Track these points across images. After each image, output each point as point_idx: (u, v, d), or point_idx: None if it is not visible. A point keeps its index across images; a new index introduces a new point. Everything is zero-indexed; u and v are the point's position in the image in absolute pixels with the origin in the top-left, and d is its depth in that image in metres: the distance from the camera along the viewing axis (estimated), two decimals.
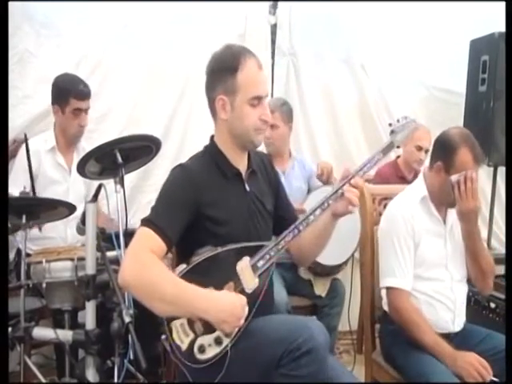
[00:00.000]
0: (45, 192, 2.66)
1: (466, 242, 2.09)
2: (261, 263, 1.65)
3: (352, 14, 3.62)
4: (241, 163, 1.79)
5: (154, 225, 1.57)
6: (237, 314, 1.53)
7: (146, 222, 1.60)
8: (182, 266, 1.63)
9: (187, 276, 1.58)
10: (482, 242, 2.11)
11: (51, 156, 2.76)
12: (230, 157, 1.76)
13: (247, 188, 1.78)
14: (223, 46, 1.75)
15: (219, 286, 1.59)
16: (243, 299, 1.56)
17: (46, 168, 2.73)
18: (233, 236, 1.68)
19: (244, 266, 1.64)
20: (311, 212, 1.70)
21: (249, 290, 1.62)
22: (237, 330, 1.58)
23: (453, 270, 2.11)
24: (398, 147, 1.85)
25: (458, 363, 1.89)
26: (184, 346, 1.59)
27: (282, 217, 1.91)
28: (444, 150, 2.06)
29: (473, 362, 1.88)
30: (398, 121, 1.86)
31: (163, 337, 1.60)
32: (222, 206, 1.70)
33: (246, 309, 1.55)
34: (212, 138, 1.81)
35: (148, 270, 1.51)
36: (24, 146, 2.71)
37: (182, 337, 1.59)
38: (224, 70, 1.68)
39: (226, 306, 1.52)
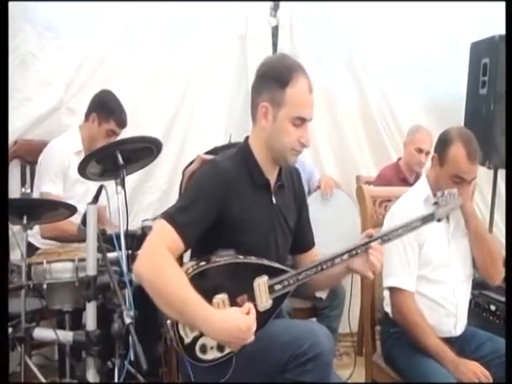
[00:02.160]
0: (66, 192, 2.70)
1: (468, 226, 2.08)
2: (278, 287, 1.63)
3: (353, 16, 3.62)
4: (271, 174, 1.75)
5: (175, 221, 1.54)
6: (241, 336, 1.48)
7: (167, 215, 1.56)
8: (192, 262, 1.62)
9: (203, 274, 1.57)
10: (482, 223, 2.10)
11: (77, 158, 2.77)
12: (262, 165, 1.72)
13: (274, 200, 1.75)
14: (279, 54, 1.73)
15: (233, 295, 1.58)
16: (250, 320, 1.51)
17: (71, 169, 2.75)
18: (252, 246, 1.65)
19: (262, 283, 1.62)
20: (339, 255, 1.68)
21: (261, 309, 1.61)
22: None
23: (457, 270, 2.10)
24: (438, 220, 1.86)
25: (460, 369, 1.89)
26: (187, 340, 1.57)
27: (298, 238, 1.88)
28: (440, 143, 2.09)
29: (475, 370, 1.88)
30: (442, 194, 1.88)
31: (169, 322, 1.57)
32: (247, 214, 1.66)
33: (254, 328, 1.51)
34: (247, 139, 1.77)
35: (162, 272, 1.49)
36: (49, 147, 2.76)
37: (187, 331, 1.57)
38: (274, 79, 1.64)
39: (230, 328, 1.47)
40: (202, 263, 1.59)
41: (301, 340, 1.53)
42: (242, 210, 1.65)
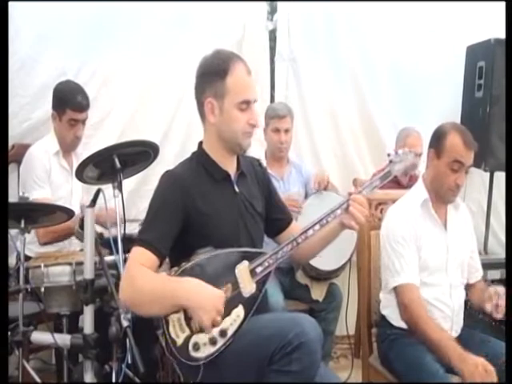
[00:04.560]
0: (52, 195, 2.69)
1: None
2: (259, 269, 1.68)
3: (352, 18, 3.63)
4: (229, 166, 1.81)
5: (143, 241, 1.63)
6: (216, 304, 1.56)
7: (136, 240, 1.65)
8: (174, 268, 1.66)
9: (186, 273, 1.62)
10: None
11: (56, 160, 2.79)
12: (218, 160, 1.79)
13: (236, 189, 1.80)
14: (213, 51, 1.78)
15: (217, 286, 1.61)
16: (223, 296, 1.59)
17: (53, 172, 2.76)
18: (223, 237, 1.71)
19: (243, 269, 1.66)
20: (310, 226, 1.73)
21: (246, 294, 1.65)
22: (232, 331, 1.61)
23: (452, 275, 2.12)
24: (395, 176, 1.90)
25: (467, 366, 1.84)
26: (179, 342, 1.60)
27: (276, 218, 1.94)
28: (435, 137, 2.12)
29: (481, 368, 1.84)
30: (396, 153, 1.90)
31: (159, 331, 1.62)
32: (212, 209, 1.72)
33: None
34: (200, 144, 1.84)
35: (136, 280, 1.58)
36: (29, 154, 2.74)
37: (177, 332, 1.61)
38: (213, 73, 1.71)
39: (208, 293, 1.57)
40: (183, 264, 1.64)
41: (286, 330, 1.55)
42: (207, 207, 1.71)
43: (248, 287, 1.66)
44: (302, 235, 1.72)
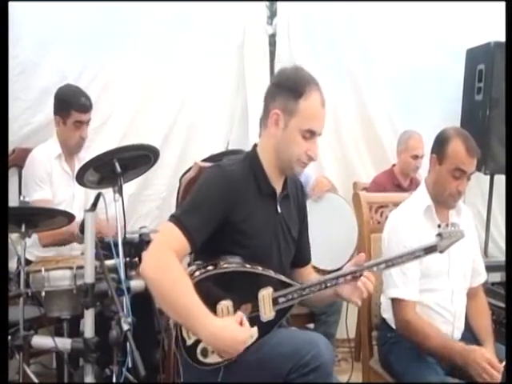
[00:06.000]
0: (54, 198, 2.70)
1: None
2: (282, 300, 1.65)
3: (352, 22, 3.65)
4: (277, 183, 1.76)
5: (182, 224, 1.57)
6: (236, 347, 1.50)
7: (174, 218, 1.59)
8: (199, 264, 1.64)
9: (210, 279, 1.59)
10: None
11: (58, 163, 2.80)
12: (269, 174, 1.74)
13: (279, 210, 1.76)
14: (295, 66, 1.75)
15: (237, 302, 1.60)
16: (247, 333, 1.53)
17: (54, 175, 2.76)
18: (255, 252, 1.67)
19: (267, 295, 1.64)
20: (343, 274, 1.69)
21: (264, 319, 1.63)
22: None
23: (454, 280, 2.10)
24: (440, 252, 1.82)
25: (472, 359, 1.85)
26: (189, 342, 1.59)
27: (297, 251, 1.88)
28: (438, 142, 2.10)
29: (487, 357, 1.85)
30: (447, 225, 1.85)
31: (171, 321, 1.60)
32: (251, 219, 1.67)
33: (248, 341, 1.53)
34: (255, 146, 1.79)
35: (167, 274, 1.51)
36: (31, 157, 2.75)
37: (190, 333, 1.59)
38: (288, 89, 1.67)
39: (228, 338, 1.48)
40: (210, 268, 1.61)
41: (303, 351, 1.54)
42: (247, 216, 1.66)
43: (267, 314, 1.64)
44: (332, 280, 1.68)
